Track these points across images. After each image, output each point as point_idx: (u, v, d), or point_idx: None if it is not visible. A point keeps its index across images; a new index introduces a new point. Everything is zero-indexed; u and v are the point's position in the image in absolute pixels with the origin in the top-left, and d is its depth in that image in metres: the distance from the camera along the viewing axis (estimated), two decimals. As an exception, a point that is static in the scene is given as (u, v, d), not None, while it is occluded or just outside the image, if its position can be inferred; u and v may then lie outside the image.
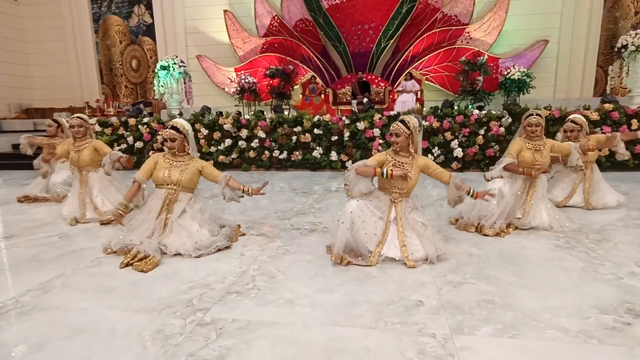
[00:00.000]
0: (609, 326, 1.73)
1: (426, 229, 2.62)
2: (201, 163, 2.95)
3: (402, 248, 2.50)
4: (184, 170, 2.86)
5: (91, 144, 3.88)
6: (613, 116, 5.94)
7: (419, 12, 9.48)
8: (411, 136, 2.61)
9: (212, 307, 1.97)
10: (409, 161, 2.64)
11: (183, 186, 2.86)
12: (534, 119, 3.23)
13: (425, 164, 2.68)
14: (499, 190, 3.10)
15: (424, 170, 2.69)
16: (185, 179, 2.85)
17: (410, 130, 2.59)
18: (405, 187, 2.63)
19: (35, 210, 4.21)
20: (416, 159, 2.66)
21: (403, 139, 2.60)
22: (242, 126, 7.00)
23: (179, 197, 2.86)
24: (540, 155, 3.24)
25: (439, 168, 2.71)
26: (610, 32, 9.38)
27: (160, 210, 2.81)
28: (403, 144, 2.62)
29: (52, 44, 11.49)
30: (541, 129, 3.25)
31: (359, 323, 1.81)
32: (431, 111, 6.55)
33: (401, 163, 2.64)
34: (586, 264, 2.48)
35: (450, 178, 2.67)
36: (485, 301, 1.99)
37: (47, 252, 2.84)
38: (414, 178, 2.61)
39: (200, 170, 2.93)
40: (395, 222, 2.60)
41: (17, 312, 1.96)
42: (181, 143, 2.89)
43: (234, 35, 10.27)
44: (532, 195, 3.24)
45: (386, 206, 2.64)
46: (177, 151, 2.88)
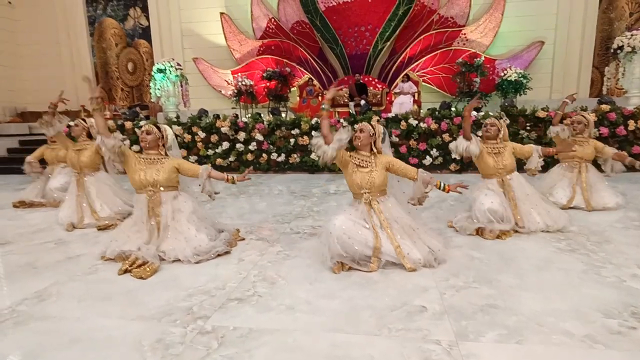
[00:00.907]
0: (614, 330, 1.72)
1: (414, 230, 2.58)
2: (177, 160, 2.89)
3: (396, 250, 2.47)
4: (160, 170, 2.79)
5: (93, 146, 3.85)
6: (610, 117, 5.96)
7: (415, 14, 9.51)
8: (374, 137, 2.64)
9: (213, 315, 1.94)
10: (370, 160, 2.63)
11: (162, 186, 2.78)
12: (489, 119, 3.34)
13: (388, 160, 2.65)
14: (489, 209, 3.06)
15: (389, 168, 2.64)
16: (163, 178, 2.77)
17: (374, 131, 2.65)
18: (374, 187, 2.59)
19: (31, 216, 4.15)
20: (378, 157, 2.66)
21: (366, 135, 2.63)
22: (239, 129, 6.97)
23: (161, 199, 2.78)
24: (502, 157, 3.25)
25: (404, 164, 2.65)
26: (605, 33, 9.44)
27: (148, 216, 2.76)
28: (364, 141, 2.64)
29: (46, 47, 11.41)
30: (496, 129, 3.30)
31: (361, 329, 1.78)
32: (429, 113, 6.54)
33: (362, 161, 2.63)
34: (588, 266, 2.47)
35: (418, 174, 2.58)
36: (488, 305, 1.97)
37: (43, 259, 2.80)
38: (379, 176, 2.59)
39: (177, 167, 2.84)
40: (382, 227, 2.55)
41: (14, 322, 1.92)
42: (155, 140, 2.84)
43: (231, 38, 10.25)
44: (513, 199, 3.19)
45: (365, 213, 2.59)
46: (148, 146, 2.83)
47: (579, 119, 4.10)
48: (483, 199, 3.14)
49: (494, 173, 3.26)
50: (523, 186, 3.29)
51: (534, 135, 6.19)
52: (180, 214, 2.78)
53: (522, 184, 3.30)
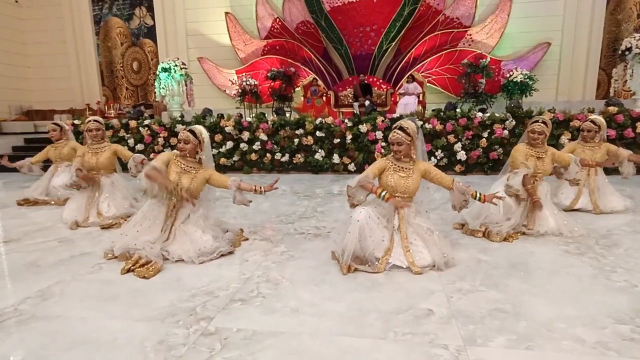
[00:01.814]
0: (626, 337, 1.68)
1: (432, 234, 2.56)
2: (209, 172, 2.90)
3: (406, 254, 2.44)
4: (194, 178, 2.81)
5: (110, 148, 3.84)
6: (618, 119, 5.90)
7: (420, 14, 9.47)
8: (412, 142, 2.57)
9: (216, 316, 1.91)
10: (409, 166, 2.60)
11: (190, 194, 2.80)
12: (538, 126, 3.20)
13: (426, 169, 2.62)
14: (505, 202, 3.03)
15: (425, 176, 2.63)
16: (194, 187, 2.81)
17: (410, 137, 2.55)
18: (407, 193, 2.58)
19: (35, 214, 4.15)
20: (417, 164, 2.62)
21: (405, 146, 2.56)
22: (243, 128, 6.95)
23: (183, 204, 2.80)
24: (542, 163, 3.21)
25: (440, 173, 2.65)
26: (612, 34, 9.36)
27: (166, 217, 2.76)
28: (405, 151, 2.58)
29: (52, 46, 11.46)
30: (544, 137, 3.21)
31: (368, 333, 1.75)
32: (434, 114, 6.50)
33: (402, 168, 2.59)
34: (597, 270, 2.42)
35: (453, 183, 2.60)
36: (496, 310, 1.94)
37: (46, 258, 2.79)
38: (415, 183, 2.57)
39: (207, 179, 2.88)
40: (399, 230, 2.55)
41: (16, 321, 1.90)
42: (193, 148, 2.83)
43: (235, 38, 10.25)
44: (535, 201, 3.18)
45: (390, 213, 2.58)
46: (188, 155, 2.83)
47: (588, 127, 4.00)
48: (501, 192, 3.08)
49: (531, 175, 3.18)
50: (547, 192, 3.28)
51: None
52: (191, 218, 2.79)
53: (547, 190, 3.29)
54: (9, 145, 8.58)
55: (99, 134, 3.83)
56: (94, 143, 3.83)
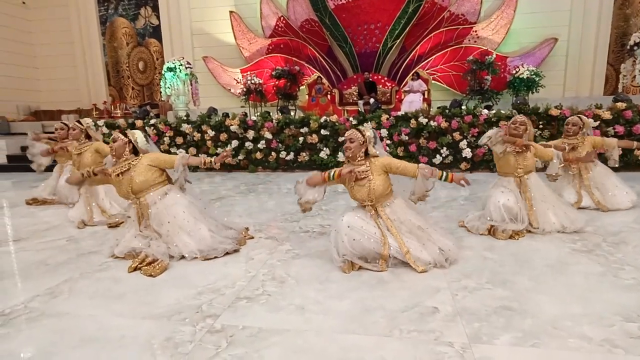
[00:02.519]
0: (634, 335, 1.66)
1: (424, 230, 2.52)
2: (150, 156, 2.74)
3: (406, 255, 2.42)
4: (134, 176, 2.66)
5: (92, 146, 3.89)
6: (626, 115, 5.82)
7: (425, 11, 9.41)
8: (364, 145, 2.52)
9: (222, 314, 1.93)
10: (366, 168, 2.52)
11: (143, 190, 2.69)
12: (519, 117, 3.21)
13: (385, 163, 2.53)
14: (504, 206, 3.02)
15: (388, 170, 2.54)
16: (140, 182, 2.66)
17: (364, 139, 2.52)
18: (377, 195, 2.51)
19: (44, 213, 4.20)
20: (374, 162, 2.54)
21: (357, 145, 2.51)
22: (248, 127, 6.97)
23: (147, 201, 2.71)
24: (524, 158, 3.15)
25: (403, 163, 2.52)
26: (620, 29, 9.24)
27: (138, 223, 2.73)
28: (355, 150, 2.53)
29: (59, 47, 11.57)
30: (524, 129, 3.17)
31: (373, 331, 1.76)
32: (439, 111, 6.47)
33: (360, 171, 2.52)
34: (605, 268, 2.40)
35: (418, 170, 2.44)
36: (502, 307, 1.93)
37: (55, 256, 2.83)
38: (379, 183, 2.50)
39: (150, 163, 2.71)
40: (389, 232, 2.49)
41: (26, 318, 1.93)
42: (122, 146, 2.70)
43: (240, 37, 10.27)
44: (529, 199, 3.13)
45: (370, 219, 2.54)
46: (115, 153, 2.70)
47: (574, 121, 3.88)
48: (499, 196, 3.08)
49: (512, 172, 3.18)
50: (540, 187, 3.22)
51: (547, 133, 6.08)
52: (176, 207, 2.70)
53: (540, 184, 3.22)
54: (17, 145, 8.67)
55: (73, 134, 3.94)
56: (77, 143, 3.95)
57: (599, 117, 5.86)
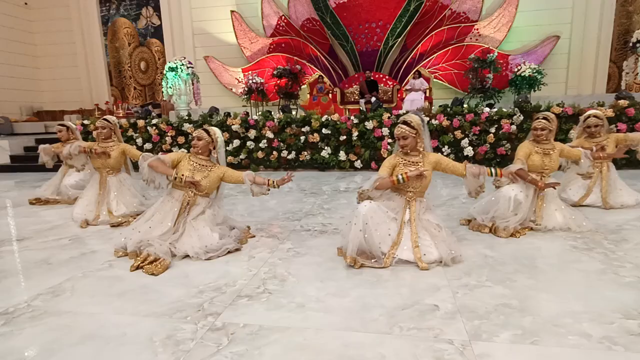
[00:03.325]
0: (634, 332, 1.67)
1: (440, 230, 2.57)
2: (223, 169, 2.95)
3: (414, 249, 2.44)
4: (207, 176, 2.86)
5: (119, 147, 3.87)
6: (629, 112, 5.80)
7: (426, 9, 9.39)
8: (418, 135, 2.56)
9: (223, 312, 1.94)
10: (419, 160, 2.59)
11: (202, 192, 2.84)
12: (539, 123, 3.19)
13: (436, 159, 2.63)
14: (515, 198, 3.03)
15: (437, 167, 2.63)
16: (207, 184, 2.84)
17: (415, 129, 2.55)
18: (420, 186, 2.58)
19: (47, 213, 4.23)
20: (427, 156, 2.62)
21: (411, 139, 2.56)
22: (250, 127, 6.99)
23: (197, 201, 2.85)
24: (550, 159, 3.17)
25: (452, 162, 2.65)
26: (623, 26, 9.19)
27: (179, 213, 2.80)
28: (411, 144, 2.57)
29: (61, 47, 11.61)
30: (548, 132, 3.17)
31: (372, 328, 1.76)
32: (440, 109, 6.46)
33: (412, 163, 2.58)
34: (606, 265, 2.40)
35: (466, 169, 2.59)
36: (502, 305, 1.93)
37: (57, 255, 2.85)
38: (428, 175, 2.57)
39: (221, 177, 2.93)
40: (409, 224, 2.55)
41: (29, 317, 1.95)
42: (206, 145, 2.89)
43: (241, 36, 10.28)
44: (542, 199, 3.15)
45: (401, 207, 2.59)
46: (200, 152, 2.88)
47: (594, 122, 3.85)
48: (511, 188, 3.08)
49: (538, 172, 3.18)
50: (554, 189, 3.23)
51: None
52: (202, 215, 2.84)
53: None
54: (20, 146, 8.73)
55: (104, 132, 3.85)
56: (102, 142, 3.87)
57: (601, 115, 5.82)
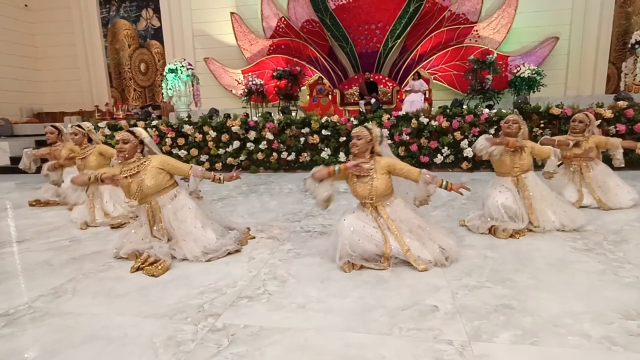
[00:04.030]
0: (634, 332, 1.67)
1: (424, 229, 2.54)
2: (160, 158, 2.73)
3: (407, 254, 2.44)
4: (145, 178, 2.63)
5: (95, 149, 3.92)
6: (628, 114, 5.81)
7: (426, 10, 9.42)
8: (371, 142, 2.56)
9: (224, 313, 1.95)
10: (370, 166, 2.55)
11: (153, 193, 2.69)
12: (511, 116, 3.22)
13: (389, 163, 2.56)
14: (503, 205, 3.04)
15: (391, 171, 2.56)
16: (152, 183, 2.65)
17: (371, 136, 2.55)
18: (378, 194, 2.54)
19: (47, 214, 4.23)
20: (378, 161, 2.57)
21: (363, 142, 2.54)
22: (250, 128, 7.00)
23: (159, 203, 2.72)
24: (519, 158, 3.16)
25: (407, 166, 2.56)
26: (622, 27, 9.20)
27: (150, 225, 2.75)
28: (362, 148, 2.55)
29: (62, 49, 11.63)
30: (518, 127, 3.18)
31: (373, 329, 1.77)
32: (440, 111, 6.47)
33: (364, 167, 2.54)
34: (605, 266, 2.41)
35: (420, 175, 2.49)
36: (502, 306, 1.94)
37: (58, 257, 2.85)
38: (382, 182, 2.53)
39: (160, 166, 2.68)
40: (390, 231, 2.51)
41: (30, 318, 1.96)
42: (133, 147, 2.66)
43: (241, 38, 10.30)
44: (529, 199, 3.13)
45: (371, 217, 2.57)
46: (128, 155, 2.66)
47: (581, 118, 3.88)
48: (497, 196, 3.10)
49: (509, 172, 3.19)
50: (538, 185, 3.21)
51: (548, 132, 6.07)
52: (185, 212, 2.72)
53: (538, 183, 3.22)
54: (20, 147, 8.70)
55: (76, 139, 3.97)
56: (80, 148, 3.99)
57: (600, 116, 5.84)
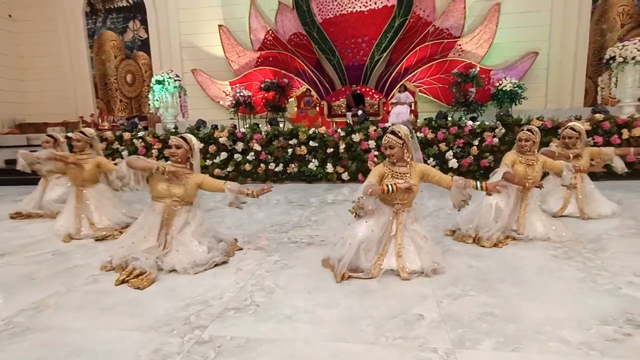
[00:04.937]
0: (610, 337, 1.73)
1: (426, 241, 2.60)
2: (200, 177, 2.91)
3: (397, 259, 2.49)
4: (186, 185, 2.82)
5: (94, 160, 3.84)
6: (604, 126, 6.03)
7: (411, 25, 9.65)
8: (405, 145, 2.60)
9: (210, 325, 1.94)
10: (407, 170, 2.61)
11: (182, 200, 2.83)
12: (524, 134, 3.33)
13: (423, 170, 2.65)
14: (496, 205, 3.13)
15: (424, 177, 2.65)
16: (184, 193, 2.82)
17: (402, 139, 2.59)
18: (408, 198, 2.61)
19: (29, 227, 4.14)
20: (414, 166, 2.64)
21: (397, 149, 2.59)
22: (237, 139, 7.00)
23: (177, 212, 2.82)
24: (532, 170, 3.28)
25: (439, 173, 2.67)
26: (598, 44, 9.59)
27: (161, 226, 2.78)
28: (398, 154, 2.60)
29: (46, 59, 11.50)
30: (532, 144, 3.31)
31: (360, 338, 1.78)
32: (425, 123, 6.60)
33: (400, 173, 2.61)
34: (584, 274, 2.48)
35: (452, 181, 2.60)
36: (486, 314, 1.98)
37: (41, 270, 2.79)
38: (415, 188, 2.60)
39: (199, 184, 2.88)
40: (395, 236, 2.58)
41: (9, 334, 1.91)
42: (185, 153, 2.86)
43: (229, 50, 10.36)
44: (525, 208, 3.27)
45: (388, 218, 2.62)
46: (179, 160, 2.84)
47: (569, 134, 4.02)
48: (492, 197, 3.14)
49: (520, 182, 3.24)
50: (535, 197, 3.36)
51: (530, 144, 6.23)
52: (188, 227, 2.81)
53: (535, 195, 3.36)
54: (1, 159, 8.55)
55: (79, 145, 3.85)
56: (77, 154, 3.85)
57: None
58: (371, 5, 9.71)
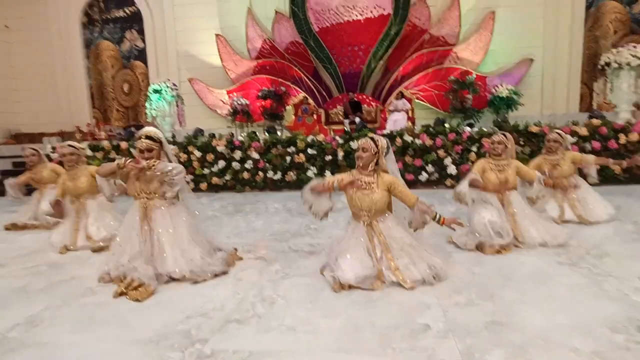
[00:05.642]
0: (621, 346, 1.69)
1: (414, 248, 2.55)
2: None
3: (395, 272, 2.44)
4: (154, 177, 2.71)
5: (87, 170, 3.79)
6: (601, 131, 6.06)
7: (407, 33, 9.71)
8: (377, 155, 2.57)
9: (212, 338, 1.88)
10: (373, 180, 2.56)
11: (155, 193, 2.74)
12: (496, 137, 3.30)
13: (391, 182, 2.57)
14: (490, 221, 3.08)
15: (390, 190, 2.58)
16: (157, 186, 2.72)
17: (377, 149, 2.56)
18: (374, 208, 2.55)
19: (24, 238, 4.07)
20: (382, 177, 2.59)
21: (368, 155, 2.55)
22: (235, 147, 6.97)
23: (155, 203, 2.73)
24: (505, 175, 3.23)
25: (406, 190, 2.58)
26: (591, 50, 9.68)
27: (141, 221, 2.71)
28: (367, 160, 2.56)
29: (41, 69, 11.46)
30: (504, 147, 3.26)
31: (365, 349, 1.74)
32: (423, 129, 6.61)
33: (365, 182, 2.56)
34: (589, 280, 2.45)
35: (417, 202, 2.52)
36: (492, 322, 1.94)
37: (36, 283, 2.73)
38: (381, 197, 2.54)
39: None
40: (380, 249, 2.53)
41: (3, 350, 1.85)
42: (158, 153, 2.75)
43: (226, 58, 10.37)
44: (512, 214, 3.21)
45: (364, 233, 2.57)
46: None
47: (555, 137, 3.99)
48: (483, 212, 3.14)
49: (495, 189, 3.25)
50: (521, 203, 3.31)
51: (528, 150, 6.26)
52: (178, 220, 2.75)
53: (520, 201, 3.31)
54: (-4, 169, 8.46)
55: (72, 159, 3.79)
56: (70, 168, 3.80)
57: (576, 133, 6.07)
58: (367, 14, 9.77)
